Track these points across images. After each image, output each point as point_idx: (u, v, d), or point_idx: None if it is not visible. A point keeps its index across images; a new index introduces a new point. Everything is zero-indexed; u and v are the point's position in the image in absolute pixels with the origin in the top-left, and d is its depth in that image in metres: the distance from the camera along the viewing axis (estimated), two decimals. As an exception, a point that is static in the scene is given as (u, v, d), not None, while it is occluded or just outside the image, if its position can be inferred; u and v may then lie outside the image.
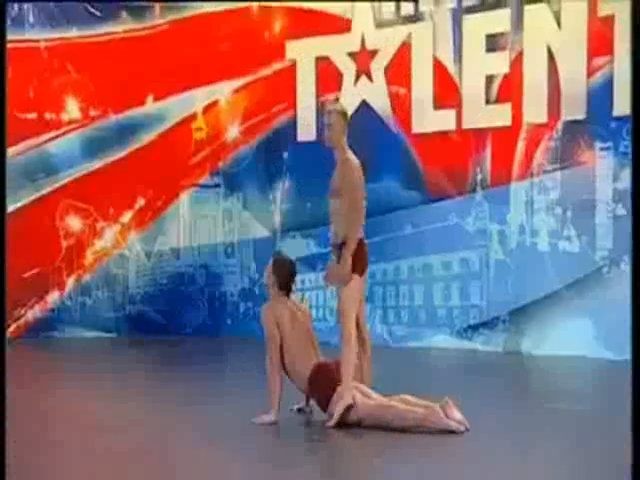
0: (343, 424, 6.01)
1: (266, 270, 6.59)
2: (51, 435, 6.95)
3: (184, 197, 12.27)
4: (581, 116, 9.59)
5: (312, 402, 6.53)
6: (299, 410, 6.59)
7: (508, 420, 6.94)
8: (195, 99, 12.03)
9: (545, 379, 9.20)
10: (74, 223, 12.61)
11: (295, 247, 11.30)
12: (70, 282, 12.68)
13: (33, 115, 12.43)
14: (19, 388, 8.21)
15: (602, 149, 9.49)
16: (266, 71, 11.50)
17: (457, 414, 5.87)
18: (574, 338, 9.56)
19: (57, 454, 6.28)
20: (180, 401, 7.80)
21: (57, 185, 12.49)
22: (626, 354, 8.75)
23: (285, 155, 11.39)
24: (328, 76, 11.04)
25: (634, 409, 3.67)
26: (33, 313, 12.56)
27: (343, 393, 6.00)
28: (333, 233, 6.59)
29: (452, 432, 5.82)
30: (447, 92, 10.31)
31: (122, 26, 12.25)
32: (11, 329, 12.29)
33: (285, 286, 6.45)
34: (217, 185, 11.99)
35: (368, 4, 10.78)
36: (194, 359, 10.85)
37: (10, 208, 11.47)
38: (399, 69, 10.58)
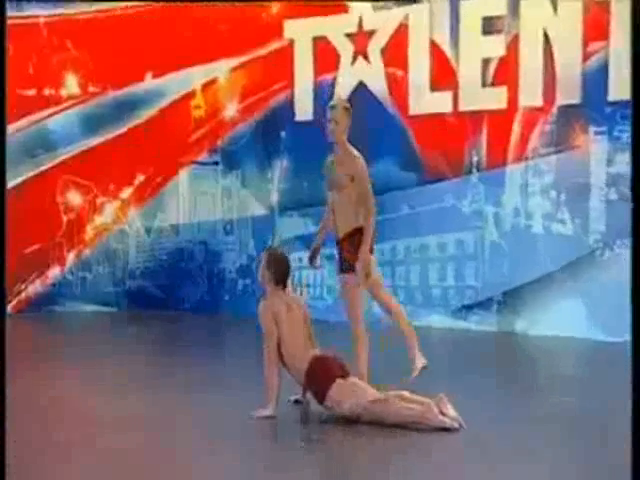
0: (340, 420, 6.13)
1: (260, 267, 6.55)
2: (52, 407, 7.36)
3: (183, 174, 12.35)
4: (576, 100, 9.66)
5: (309, 394, 6.65)
6: (296, 401, 6.66)
7: (499, 400, 7.24)
8: (194, 77, 12.07)
9: (538, 359, 9.42)
10: (74, 199, 12.73)
11: (293, 226, 11.47)
12: (70, 257, 12.83)
13: (32, 91, 12.49)
14: (19, 362, 8.62)
15: (596, 133, 9.57)
16: (264, 50, 11.52)
17: (451, 411, 5.97)
18: (567, 319, 9.72)
19: (58, 428, 6.67)
20: (179, 384, 8.03)
21: (57, 161, 12.60)
22: (618, 335, 9.06)
23: (283, 134, 11.47)
24: (325, 56, 11.07)
25: (634, 409, 3.77)
26: (34, 288, 12.73)
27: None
28: (332, 226, 6.72)
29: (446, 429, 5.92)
30: (444, 74, 10.37)
31: (121, 3, 12.26)
32: (13, 303, 12.48)
33: (281, 281, 6.52)
34: (216, 163, 12.07)
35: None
36: (193, 336, 11.07)
37: (10, 184, 11.60)
38: (396, 51, 10.62)
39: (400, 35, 10.59)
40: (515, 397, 7.37)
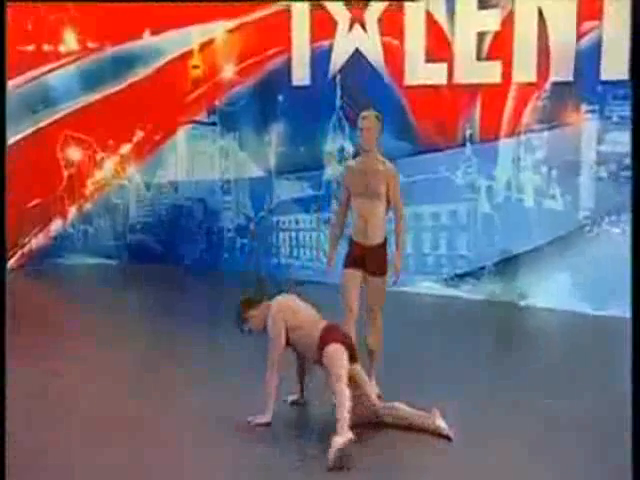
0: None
1: (248, 320, 6.58)
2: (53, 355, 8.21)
3: (181, 133, 12.50)
4: (569, 78, 9.74)
5: (306, 394, 6.91)
6: (293, 403, 6.87)
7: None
8: (191, 36, 12.11)
9: (524, 329, 9.79)
10: (74, 154, 12.91)
11: (289, 189, 11.67)
12: (72, 211, 13.08)
13: (31, 47, 12.54)
14: (22, 314, 9.32)
15: (588, 112, 9.69)
16: (261, 14, 11.54)
17: (442, 423, 6.28)
18: (555, 292, 10.01)
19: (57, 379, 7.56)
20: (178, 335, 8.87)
21: (57, 116, 12.73)
22: (604, 309, 9.37)
23: (280, 98, 11.56)
24: (322, 23, 11.10)
25: (634, 408, 3.92)
26: (37, 241, 13.01)
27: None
28: (362, 232, 6.90)
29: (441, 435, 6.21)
30: (439, 46, 10.41)
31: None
32: (16, 257, 12.76)
33: (266, 296, 6.61)
34: (214, 123, 12.19)
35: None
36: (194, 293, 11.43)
37: (11, 140, 11.79)
38: (392, 20, 10.65)
39: (396, 5, 10.60)
40: (499, 364, 8.12)
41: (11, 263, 12.63)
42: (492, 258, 10.44)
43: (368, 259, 6.91)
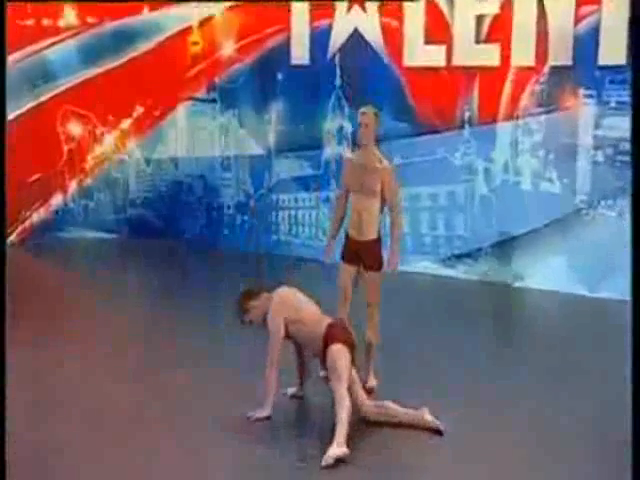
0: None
1: (249, 311, 6.60)
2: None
3: (181, 109, 12.54)
4: (567, 62, 9.78)
5: (305, 387, 6.97)
6: (292, 396, 6.92)
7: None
8: (191, 13, 12.12)
9: (519, 310, 10.00)
10: (75, 129, 12.97)
11: (289, 167, 11.76)
12: (72, 185, 13.17)
13: (31, 21, 12.54)
14: (24, 288, 9.77)
15: (585, 96, 9.76)
16: (261, -8, 11.57)
17: (431, 418, 6.35)
18: (551, 274, 10.14)
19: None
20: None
21: (57, 91, 12.77)
22: (599, 291, 9.51)
23: (279, 77, 11.59)
24: (322, 2, 11.10)
25: (634, 407, 3.93)
26: (38, 215, 13.10)
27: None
28: (357, 228, 6.99)
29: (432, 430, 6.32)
30: (438, 28, 10.44)
31: None
32: (17, 231, 12.87)
33: (262, 289, 6.64)
34: (213, 100, 12.23)
35: None
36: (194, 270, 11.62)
37: (12, 115, 11.85)
38: (391, 1, 10.66)
39: (396, -15, 10.63)
40: (495, 345, 8.41)
41: (12, 237, 12.74)
42: (489, 239, 10.55)
43: (363, 254, 7.01)
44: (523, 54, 10.00)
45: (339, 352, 6.21)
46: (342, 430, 5.80)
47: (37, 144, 12.61)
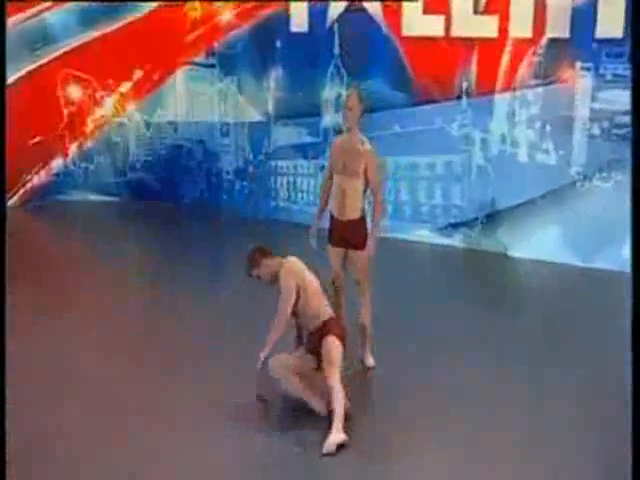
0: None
1: (257, 267, 6.67)
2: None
3: (180, 73, 12.58)
4: (565, 35, 9.82)
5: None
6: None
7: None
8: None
9: (514, 278, 10.19)
10: (74, 92, 13.02)
11: (287, 134, 11.85)
12: (73, 149, 13.26)
13: (30, -16, 12.55)
14: (25, 250, 10.24)
15: (582, 69, 9.81)
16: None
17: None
18: (546, 244, 10.30)
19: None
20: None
21: (57, 54, 12.80)
22: (592, 261, 9.67)
23: (278, 44, 11.62)
24: (321, -29, 11.13)
25: (634, 406, 4.02)
26: (39, 178, 13.21)
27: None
28: (340, 208, 7.12)
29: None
30: (436, -2, 10.50)
31: None
32: (19, 194, 13.01)
33: (269, 252, 6.73)
34: (212, 66, 12.27)
35: None
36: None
37: (12, 78, 11.92)
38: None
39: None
40: (489, 313, 8.72)
41: (14, 200, 12.88)
42: (485, 209, 10.67)
43: (347, 234, 7.14)
44: (521, 26, 10.03)
45: (334, 343, 6.40)
46: (339, 419, 6.00)
47: (37, 107, 12.68)
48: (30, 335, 7.75)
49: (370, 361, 7.37)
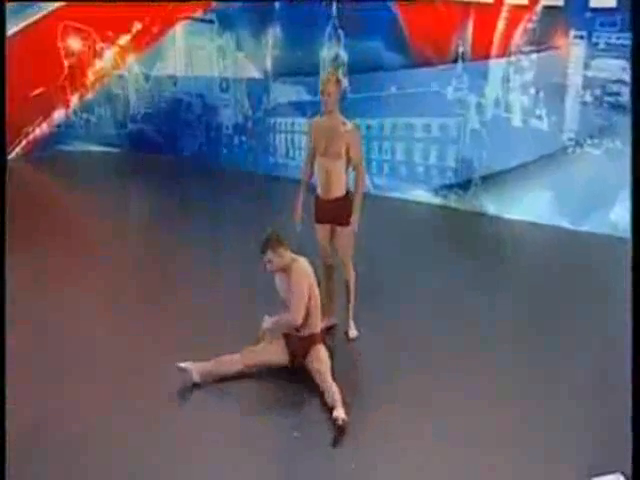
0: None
1: (271, 256, 6.85)
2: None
3: (179, 28, 12.66)
4: (559, 3, 9.92)
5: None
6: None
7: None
8: None
9: (508, 241, 10.42)
10: (74, 44, 13.13)
11: (286, 92, 11.99)
12: (74, 100, 13.40)
13: None
14: (27, 200, 10.63)
15: (576, 37, 9.93)
16: None
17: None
18: (537, 207, 10.54)
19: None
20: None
21: (57, 6, 12.87)
22: (582, 224, 9.94)
23: (277, 3, 11.71)
24: None
25: (634, 405, 4.06)
26: (41, 129, 13.39)
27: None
28: (325, 188, 7.37)
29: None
30: (433, -39, 10.55)
31: None
32: (22, 144, 13.20)
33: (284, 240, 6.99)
34: (211, 21, 12.36)
35: None
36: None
37: (13, 30, 12.03)
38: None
39: None
40: (482, 274, 9.14)
41: (16, 151, 13.08)
42: (479, 172, 10.87)
43: (332, 211, 7.41)
44: (516, -8, 10.12)
45: (322, 351, 6.92)
46: (339, 408, 6.33)
47: (38, 59, 12.78)
48: (30, 282, 8.19)
49: (353, 333, 7.67)
